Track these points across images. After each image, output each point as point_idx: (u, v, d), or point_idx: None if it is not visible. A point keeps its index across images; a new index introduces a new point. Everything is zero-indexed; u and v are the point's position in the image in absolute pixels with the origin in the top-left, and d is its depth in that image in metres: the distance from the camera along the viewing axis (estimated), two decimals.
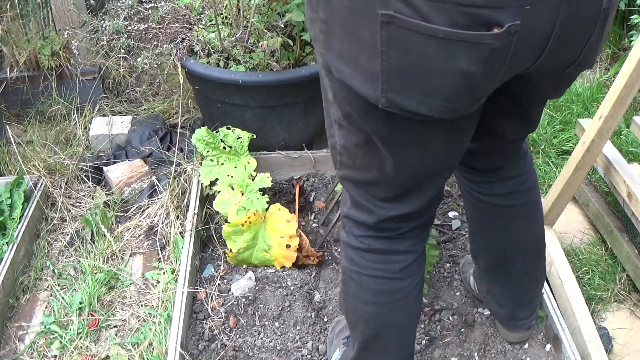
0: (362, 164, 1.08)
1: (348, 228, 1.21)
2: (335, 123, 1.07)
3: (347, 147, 1.07)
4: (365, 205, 1.14)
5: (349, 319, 1.31)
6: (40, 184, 2.20)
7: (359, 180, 1.12)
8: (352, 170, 1.11)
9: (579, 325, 1.70)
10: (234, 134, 2.17)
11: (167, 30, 2.38)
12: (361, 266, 1.19)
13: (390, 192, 1.11)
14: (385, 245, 1.17)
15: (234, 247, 1.88)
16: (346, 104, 0.96)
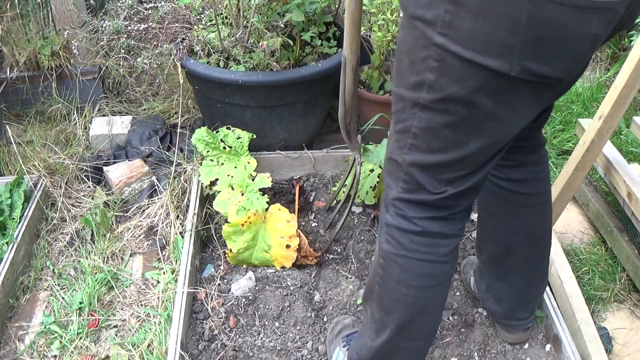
0: (441, 145, 1.12)
1: (399, 211, 1.22)
2: (416, 107, 1.09)
3: (429, 130, 1.10)
4: (428, 186, 1.17)
5: (386, 304, 1.30)
6: (40, 184, 2.20)
7: (430, 163, 1.15)
8: (425, 153, 1.14)
9: (579, 325, 1.70)
10: (234, 134, 2.17)
11: (167, 30, 2.38)
12: (409, 249, 1.21)
13: (461, 170, 1.16)
14: (439, 228, 1.21)
15: (234, 247, 1.88)
16: (454, 82, 1.01)
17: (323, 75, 2.21)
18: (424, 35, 1.01)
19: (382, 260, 1.26)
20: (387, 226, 1.24)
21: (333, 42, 2.43)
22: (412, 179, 1.18)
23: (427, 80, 1.05)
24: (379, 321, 1.32)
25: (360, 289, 1.85)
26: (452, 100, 1.04)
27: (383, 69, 2.53)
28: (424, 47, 1.03)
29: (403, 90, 1.12)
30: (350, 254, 2.00)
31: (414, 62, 1.06)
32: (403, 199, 1.21)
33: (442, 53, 1.00)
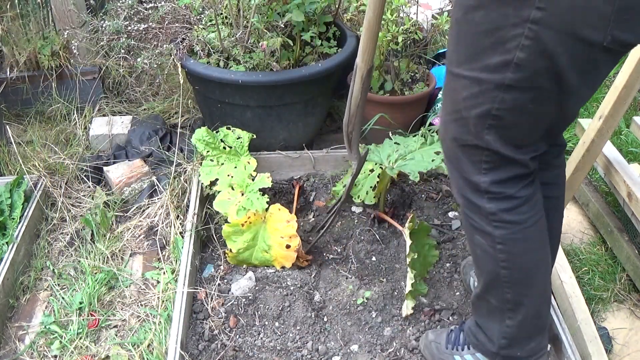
0: (526, 118, 1.14)
1: (496, 195, 1.25)
2: (498, 89, 1.10)
3: (514, 108, 1.12)
4: (517, 157, 1.20)
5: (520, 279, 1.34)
6: (40, 184, 2.20)
7: (514, 136, 1.18)
8: (508, 129, 1.16)
9: (579, 325, 1.70)
10: (234, 134, 2.17)
11: (167, 30, 2.38)
12: (524, 221, 1.26)
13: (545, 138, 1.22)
14: (533, 188, 1.27)
15: (234, 247, 1.88)
16: (546, 58, 1.03)
17: (323, 75, 2.21)
18: (517, 12, 1.01)
19: (501, 246, 1.29)
20: (490, 215, 1.26)
21: (333, 42, 2.43)
22: (497, 156, 1.20)
23: (515, 58, 1.05)
24: (514, 300, 1.36)
25: (361, 289, 1.85)
26: (540, 76, 1.06)
27: (383, 69, 2.53)
28: (514, 25, 1.02)
29: (480, 74, 1.11)
30: (350, 254, 2.00)
31: (498, 42, 1.05)
32: (495, 181, 1.23)
33: (538, 28, 1.00)
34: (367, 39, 1.48)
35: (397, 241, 2.04)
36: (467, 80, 1.14)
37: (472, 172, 1.25)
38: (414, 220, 1.77)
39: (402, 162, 1.94)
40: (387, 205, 2.18)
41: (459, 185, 1.31)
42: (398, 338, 1.72)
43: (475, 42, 1.10)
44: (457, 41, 1.15)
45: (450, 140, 1.27)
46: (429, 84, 2.54)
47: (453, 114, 1.22)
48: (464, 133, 1.21)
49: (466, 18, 1.10)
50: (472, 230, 1.33)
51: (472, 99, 1.15)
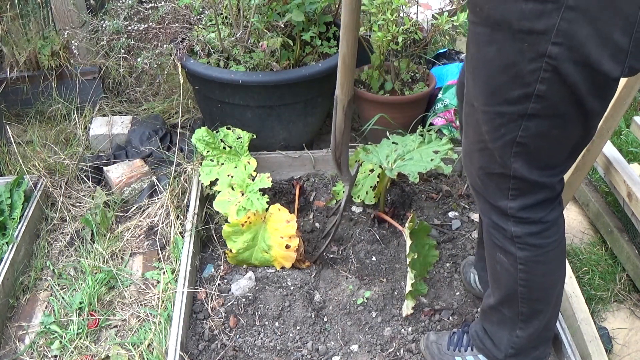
0: (551, 143, 1.15)
1: (522, 219, 1.26)
2: (521, 118, 1.10)
3: (538, 135, 1.12)
4: (545, 181, 1.22)
5: (537, 296, 1.36)
6: (40, 184, 2.20)
7: (541, 162, 1.18)
8: (532, 155, 1.16)
9: (579, 325, 1.70)
10: (234, 134, 2.17)
11: (167, 30, 2.38)
12: (547, 245, 1.29)
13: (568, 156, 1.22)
14: (558, 212, 1.29)
15: (233, 248, 1.88)
16: (566, 88, 1.03)
17: (323, 75, 2.21)
18: (532, 47, 1.01)
19: (523, 266, 1.31)
20: (516, 237, 1.28)
21: (333, 42, 2.43)
22: (525, 183, 1.21)
23: (536, 91, 1.05)
24: (528, 313, 1.38)
25: (361, 289, 1.85)
26: (562, 104, 1.07)
27: (383, 69, 2.53)
28: (532, 60, 1.02)
29: (501, 107, 1.11)
30: (350, 254, 2.00)
31: (516, 77, 1.05)
32: (524, 207, 1.24)
33: (556, 62, 1.01)
34: (344, 73, 1.54)
35: (397, 241, 2.04)
36: (487, 115, 1.15)
37: (499, 198, 1.26)
38: (414, 220, 1.77)
39: (401, 163, 1.93)
40: (387, 205, 2.18)
41: (484, 208, 1.32)
42: (398, 338, 1.72)
43: (492, 78, 1.10)
44: (474, 77, 1.15)
45: (476, 170, 1.27)
46: (429, 84, 2.54)
47: (477, 144, 1.22)
48: (490, 162, 1.22)
49: (480, 54, 1.10)
50: (494, 247, 1.34)
51: (496, 131, 1.15)
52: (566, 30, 0.97)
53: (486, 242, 1.38)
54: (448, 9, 2.95)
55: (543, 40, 0.99)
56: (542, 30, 0.98)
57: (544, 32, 0.98)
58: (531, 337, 1.42)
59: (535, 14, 0.97)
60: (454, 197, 2.27)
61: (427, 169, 1.89)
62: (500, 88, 1.09)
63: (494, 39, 1.05)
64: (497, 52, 1.06)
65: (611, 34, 0.97)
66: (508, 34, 1.02)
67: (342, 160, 1.73)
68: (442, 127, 2.51)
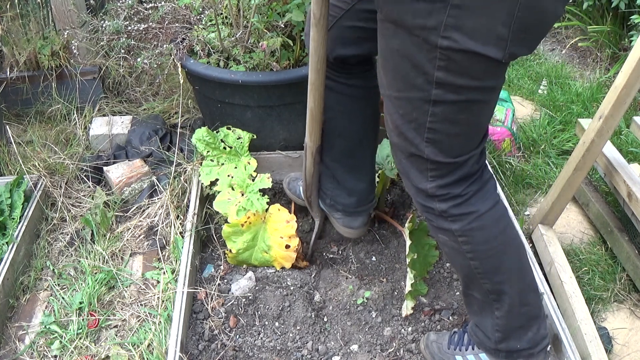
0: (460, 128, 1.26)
1: (444, 196, 1.34)
2: (427, 104, 1.21)
3: (446, 120, 1.23)
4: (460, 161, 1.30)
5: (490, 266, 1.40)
6: (40, 184, 2.20)
7: (452, 146, 1.28)
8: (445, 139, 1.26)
9: (579, 325, 1.70)
10: (234, 134, 2.17)
11: (167, 30, 2.38)
12: (475, 211, 1.35)
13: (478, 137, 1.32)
14: (481, 182, 1.36)
15: (233, 248, 1.88)
16: (462, 74, 1.16)
17: None
18: (426, 40, 1.13)
19: (462, 238, 1.37)
20: (443, 213, 1.36)
21: None
22: (439, 164, 1.30)
23: (435, 78, 1.17)
24: (493, 289, 1.42)
25: (361, 289, 1.85)
26: (462, 89, 1.18)
27: None
28: (428, 51, 1.14)
29: (409, 93, 1.23)
30: (350, 254, 2.00)
31: (418, 66, 1.18)
32: (441, 186, 1.33)
33: (447, 53, 1.13)
34: (312, 123, 1.70)
35: (397, 241, 2.04)
36: (400, 101, 1.26)
37: (420, 180, 1.35)
38: (414, 220, 1.77)
39: None
40: (387, 205, 2.18)
41: (412, 193, 1.40)
42: (398, 338, 1.72)
43: (398, 67, 1.21)
44: (384, 67, 1.27)
45: (397, 153, 1.37)
46: None
47: (394, 129, 1.32)
48: (407, 147, 1.31)
49: (387, 47, 1.23)
50: (434, 229, 1.42)
51: (407, 115, 1.26)
52: (453, 25, 1.09)
53: (429, 228, 1.47)
54: None
55: (434, 34, 1.11)
56: (433, 25, 1.10)
57: (434, 27, 1.10)
58: (510, 315, 1.43)
59: (426, 11, 1.09)
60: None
61: None
62: (406, 76, 1.21)
63: (396, 33, 1.18)
64: (400, 44, 1.18)
65: (493, 26, 1.09)
66: (406, 30, 1.15)
67: (312, 198, 1.91)
68: None
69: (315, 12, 1.48)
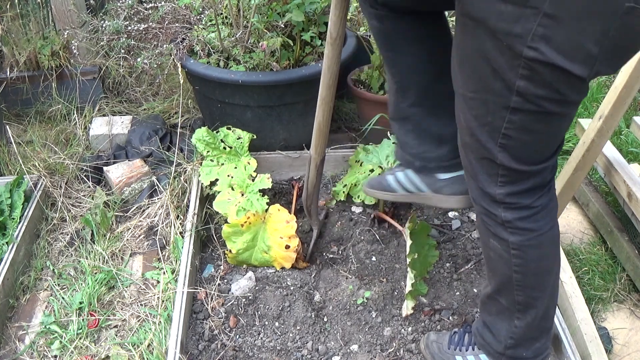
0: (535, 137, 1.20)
1: (512, 205, 1.29)
2: (505, 110, 1.15)
3: (522, 128, 1.17)
4: (533, 170, 1.25)
5: (532, 283, 1.37)
6: (40, 184, 2.20)
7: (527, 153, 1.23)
8: (518, 149, 1.21)
9: (579, 325, 1.70)
10: (234, 134, 2.17)
11: (167, 30, 2.38)
12: (539, 229, 1.31)
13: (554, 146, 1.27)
14: (548, 197, 1.32)
15: (233, 248, 1.88)
16: (544, 86, 1.09)
17: None
18: (510, 47, 1.05)
19: (516, 252, 1.33)
20: (506, 223, 1.31)
21: None
22: (512, 172, 1.24)
23: (516, 87, 1.09)
24: (524, 301, 1.39)
25: (361, 289, 1.85)
26: (543, 100, 1.11)
27: (383, 69, 2.53)
28: (511, 58, 1.07)
29: (486, 95, 1.16)
30: (350, 254, 2.00)
31: (499, 71, 1.10)
32: (512, 193, 1.27)
33: (532, 64, 1.05)
34: (318, 137, 1.72)
35: (397, 241, 2.04)
36: (474, 101, 1.19)
37: (489, 184, 1.28)
38: (414, 220, 1.77)
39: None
40: (387, 205, 2.18)
41: (475, 195, 1.34)
42: (398, 338, 1.72)
43: (477, 67, 1.14)
44: (460, 64, 1.19)
45: (468, 153, 1.30)
46: None
47: (466, 129, 1.25)
48: (479, 149, 1.25)
49: (466, 44, 1.15)
50: (487, 234, 1.36)
51: (482, 118, 1.19)
52: (542, 36, 1.01)
53: (480, 230, 1.41)
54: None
55: (520, 42, 1.03)
56: (519, 33, 1.02)
57: (520, 35, 1.02)
58: (530, 327, 1.42)
59: (514, 16, 1.01)
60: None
61: None
62: (484, 77, 1.13)
63: (476, 32, 1.09)
64: (480, 45, 1.10)
65: (584, 42, 1.01)
66: (488, 31, 1.06)
67: (312, 208, 1.93)
68: None
69: (332, 32, 1.48)
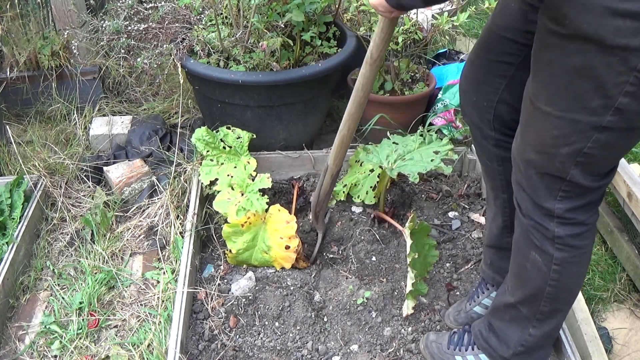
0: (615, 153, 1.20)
1: (568, 220, 1.28)
2: (594, 130, 1.12)
3: (607, 146, 1.15)
4: (597, 185, 1.24)
5: (563, 297, 1.38)
6: (40, 184, 2.20)
7: (600, 168, 1.22)
8: (593, 164, 1.19)
9: (579, 325, 1.70)
10: (233, 134, 2.17)
11: (167, 30, 2.38)
12: (583, 247, 1.31)
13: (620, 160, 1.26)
14: (597, 215, 1.32)
15: (233, 248, 1.88)
16: None
17: (323, 75, 2.21)
18: (624, 61, 1.02)
19: (557, 267, 1.32)
20: (557, 238, 1.29)
21: (333, 42, 2.43)
22: (577, 187, 1.23)
23: (617, 104, 1.07)
24: (548, 312, 1.40)
25: (361, 289, 1.85)
26: (638, 117, 1.10)
27: (383, 69, 2.53)
28: (619, 73, 1.04)
29: (577, 115, 1.12)
30: (350, 254, 2.00)
31: (600, 88, 1.07)
32: (571, 208, 1.26)
33: None
34: (339, 149, 1.74)
35: (397, 241, 2.04)
36: (560, 121, 1.15)
37: (547, 198, 1.26)
38: (414, 220, 1.77)
39: (401, 163, 1.93)
40: (387, 205, 2.18)
41: (527, 207, 1.32)
42: (398, 338, 1.72)
43: (573, 85, 1.10)
44: (549, 81, 1.14)
45: (528, 168, 1.27)
46: (429, 84, 2.54)
47: (537, 146, 1.22)
48: (547, 166, 1.22)
49: (561, 62, 1.11)
50: (531, 246, 1.34)
51: (564, 138, 1.16)
52: None
53: (521, 242, 1.38)
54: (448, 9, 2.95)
55: (636, 56, 1.01)
56: (637, 47, 1.00)
57: (638, 48, 1.00)
58: (544, 336, 1.44)
59: (633, 30, 0.99)
60: (454, 197, 2.27)
61: (428, 169, 1.89)
62: (580, 96, 1.10)
63: (582, 49, 1.06)
64: (582, 62, 1.06)
65: None
66: (598, 47, 1.03)
67: (320, 214, 1.95)
68: (442, 127, 2.51)
69: (373, 53, 1.49)
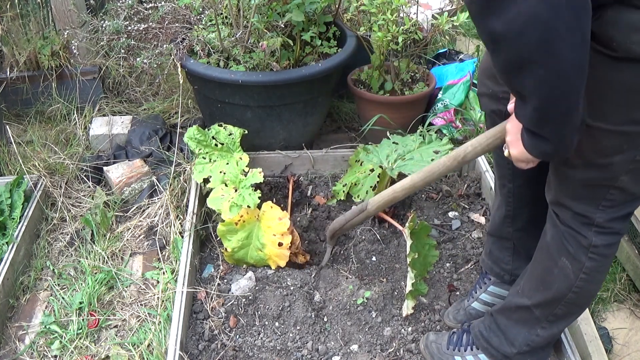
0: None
1: (606, 230, 1.28)
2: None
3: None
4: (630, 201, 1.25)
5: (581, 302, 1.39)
6: (40, 184, 2.20)
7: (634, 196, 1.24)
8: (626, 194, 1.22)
9: (579, 325, 1.70)
10: (225, 131, 2.17)
11: (167, 30, 2.38)
12: (611, 256, 1.33)
13: None
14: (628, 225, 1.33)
15: (229, 246, 1.88)
16: None
17: (323, 75, 2.21)
18: None
19: (585, 275, 1.33)
20: (592, 247, 1.29)
21: (333, 42, 2.43)
22: (624, 195, 1.23)
23: None
24: (561, 315, 1.41)
25: (361, 289, 1.85)
26: None
27: (383, 69, 2.53)
28: None
29: (627, 127, 1.13)
30: (350, 254, 1.99)
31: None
32: (613, 218, 1.26)
33: None
34: (386, 203, 1.69)
35: (397, 241, 2.04)
36: (612, 133, 1.15)
37: (588, 207, 1.26)
38: (414, 220, 1.76)
39: (401, 163, 1.94)
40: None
41: (564, 215, 1.31)
42: (398, 338, 1.72)
43: (620, 99, 1.10)
44: (597, 97, 1.13)
45: (574, 181, 1.26)
46: (429, 84, 2.54)
47: (583, 158, 1.21)
48: (595, 175, 1.21)
49: (608, 78, 1.11)
50: (562, 253, 1.34)
51: (617, 148, 1.16)
52: None
53: (553, 248, 1.37)
54: (448, 9, 2.95)
55: None
56: None
57: None
58: (551, 337, 1.44)
59: None
60: (454, 197, 2.27)
61: None
62: (629, 109, 1.11)
63: (630, 67, 1.06)
64: (631, 78, 1.07)
65: None
66: None
67: (336, 235, 1.92)
68: (442, 127, 2.51)
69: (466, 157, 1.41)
